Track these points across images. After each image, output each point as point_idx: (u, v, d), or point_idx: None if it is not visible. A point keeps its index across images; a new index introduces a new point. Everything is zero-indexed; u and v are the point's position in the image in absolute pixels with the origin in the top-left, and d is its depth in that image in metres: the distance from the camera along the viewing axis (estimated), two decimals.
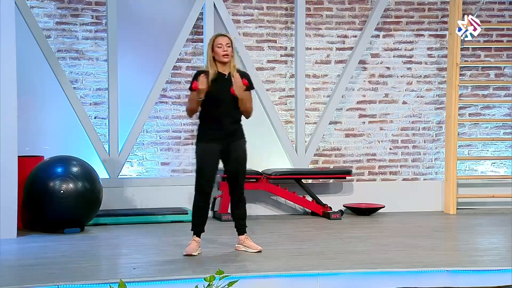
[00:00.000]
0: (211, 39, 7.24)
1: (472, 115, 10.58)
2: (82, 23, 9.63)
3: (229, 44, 7.18)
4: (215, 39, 7.20)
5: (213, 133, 7.18)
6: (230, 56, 7.17)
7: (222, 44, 7.15)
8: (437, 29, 10.46)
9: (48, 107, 9.54)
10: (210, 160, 7.20)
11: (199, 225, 7.33)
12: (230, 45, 7.19)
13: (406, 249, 7.61)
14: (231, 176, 7.33)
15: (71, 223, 8.51)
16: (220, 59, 7.16)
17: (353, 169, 10.25)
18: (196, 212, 7.33)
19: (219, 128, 7.17)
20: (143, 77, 9.75)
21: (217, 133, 7.18)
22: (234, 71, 7.20)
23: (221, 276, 4.91)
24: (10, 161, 8.18)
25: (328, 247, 7.71)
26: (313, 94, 10.23)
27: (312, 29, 10.19)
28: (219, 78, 7.16)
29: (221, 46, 7.15)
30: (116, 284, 5.22)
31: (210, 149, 7.19)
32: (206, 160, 7.20)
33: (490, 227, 9.14)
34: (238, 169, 7.29)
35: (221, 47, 7.14)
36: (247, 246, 7.36)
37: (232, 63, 7.21)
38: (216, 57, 7.17)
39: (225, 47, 7.15)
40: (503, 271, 6.64)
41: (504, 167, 10.62)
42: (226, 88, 7.14)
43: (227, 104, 7.14)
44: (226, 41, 7.17)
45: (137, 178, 9.78)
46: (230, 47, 7.18)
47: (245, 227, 7.45)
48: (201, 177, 7.23)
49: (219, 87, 7.12)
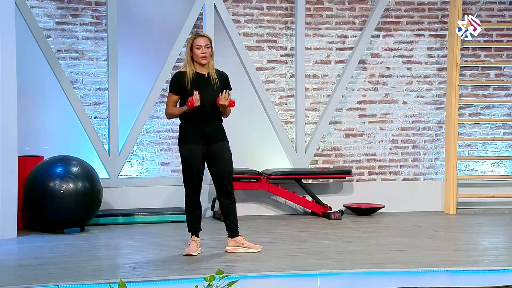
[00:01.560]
0: (190, 39, 7.19)
1: (472, 115, 10.58)
2: (82, 23, 9.63)
3: (208, 45, 7.13)
4: (194, 40, 7.14)
5: (197, 135, 7.14)
6: (209, 58, 7.14)
7: (201, 46, 7.10)
8: (437, 29, 10.46)
9: (48, 107, 9.54)
10: (196, 160, 7.16)
11: (195, 225, 7.31)
12: (210, 46, 7.14)
13: (406, 249, 7.60)
14: (218, 178, 7.26)
15: (71, 223, 8.51)
16: (199, 60, 7.12)
17: (353, 169, 10.25)
18: (190, 213, 7.32)
19: (202, 130, 7.13)
20: (143, 77, 9.76)
21: (200, 135, 7.13)
22: (213, 72, 7.17)
23: (221, 276, 4.91)
24: (10, 161, 8.19)
25: (328, 247, 7.71)
26: (313, 94, 10.23)
27: (312, 29, 10.19)
28: (198, 79, 7.13)
29: (200, 47, 7.10)
30: (116, 284, 5.22)
31: (194, 149, 7.14)
32: (192, 161, 7.16)
33: (490, 227, 9.14)
34: (224, 170, 7.24)
35: (199, 48, 7.10)
36: (247, 247, 7.33)
37: (211, 63, 7.17)
38: (195, 58, 7.14)
39: (204, 48, 7.10)
40: (503, 271, 6.64)
41: (504, 167, 10.62)
42: (207, 88, 7.10)
43: (207, 105, 7.08)
44: (205, 42, 7.12)
45: (137, 178, 9.78)
46: (209, 48, 7.14)
47: (237, 227, 7.36)
48: (189, 178, 7.21)
49: (200, 88, 7.06)
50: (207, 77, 7.16)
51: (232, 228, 7.36)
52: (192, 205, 7.29)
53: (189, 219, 7.33)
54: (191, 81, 7.09)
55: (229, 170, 7.28)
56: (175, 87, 7.18)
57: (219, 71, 7.31)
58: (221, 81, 7.21)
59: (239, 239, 7.36)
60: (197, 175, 7.21)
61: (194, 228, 7.32)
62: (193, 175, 7.19)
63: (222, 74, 7.28)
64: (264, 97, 9.93)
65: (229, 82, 7.30)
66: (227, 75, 7.34)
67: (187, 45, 7.20)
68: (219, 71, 7.28)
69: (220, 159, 7.21)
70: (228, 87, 7.23)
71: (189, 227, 7.35)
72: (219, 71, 7.28)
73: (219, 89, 7.14)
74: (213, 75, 7.16)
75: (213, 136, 7.19)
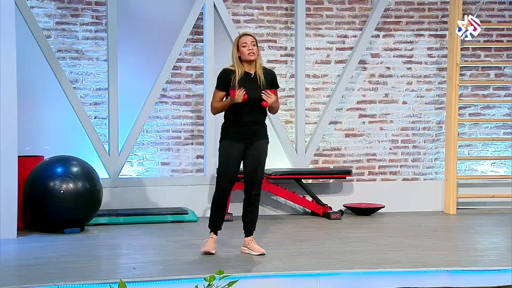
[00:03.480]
0: (236, 39, 7.23)
1: (472, 115, 10.58)
2: (82, 23, 9.63)
3: (254, 43, 7.16)
4: (239, 39, 7.18)
5: (237, 132, 7.17)
6: (256, 55, 7.15)
7: (247, 43, 7.13)
8: (437, 29, 10.46)
9: (48, 107, 9.54)
10: (233, 159, 7.19)
11: (217, 222, 7.34)
12: (255, 43, 7.17)
13: (406, 249, 7.61)
14: (248, 176, 7.27)
15: (71, 223, 8.51)
16: (246, 57, 7.13)
17: (353, 169, 10.25)
18: (215, 210, 7.31)
19: (243, 128, 7.16)
20: (143, 77, 9.76)
21: (240, 132, 7.16)
22: (260, 70, 7.18)
23: (221, 276, 4.91)
24: (10, 161, 8.18)
25: (328, 247, 7.71)
26: (313, 94, 10.23)
27: (312, 29, 10.19)
28: (245, 78, 7.14)
29: (246, 45, 7.13)
30: (116, 284, 5.22)
31: (234, 147, 7.18)
32: (229, 159, 7.18)
33: (490, 227, 9.14)
34: (256, 169, 7.24)
35: (246, 46, 7.13)
36: (250, 249, 7.31)
37: (258, 62, 7.19)
38: (242, 56, 7.14)
39: (250, 45, 7.13)
40: (503, 271, 6.64)
41: (504, 167, 10.62)
42: (252, 87, 7.12)
43: (252, 104, 7.12)
44: (250, 40, 7.15)
45: (137, 178, 9.78)
46: (256, 46, 7.16)
47: (252, 229, 7.37)
48: (223, 175, 7.23)
49: (246, 87, 7.08)
50: (254, 76, 7.18)
51: (244, 227, 7.37)
52: (220, 202, 7.29)
53: (213, 215, 7.34)
54: (237, 79, 7.11)
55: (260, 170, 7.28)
56: (222, 84, 7.21)
57: (267, 69, 7.34)
58: (268, 80, 7.22)
59: (247, 240, 7.36)
60: (230, 173, 7.22)
61: (216, 225, 7.34)
62: (227, 173, 7.21)
63: (269, 72, 7.32)
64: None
65: (276, 80, 7.33)
66: (275, 73, 7.37)
67: (233, 46, 7.23)
68: (266, 70, 7.31)
69: (254, 161, 7.23)
70: (275, 85, 7.28)
71: (211, 223, 7.34)
72: (266, 70, 7.31)
73: (266, 88, 7.17)
74: (260, 74, 7.18)
75: (254, 135, 7.21)
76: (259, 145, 7.24)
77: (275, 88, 7.27)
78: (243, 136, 7.18)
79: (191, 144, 9.94)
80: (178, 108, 9.89)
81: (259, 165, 7.25)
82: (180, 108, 9.90)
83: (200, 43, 9.88)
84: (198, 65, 9.90)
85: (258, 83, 7.15)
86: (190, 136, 9.93)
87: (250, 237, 7.36)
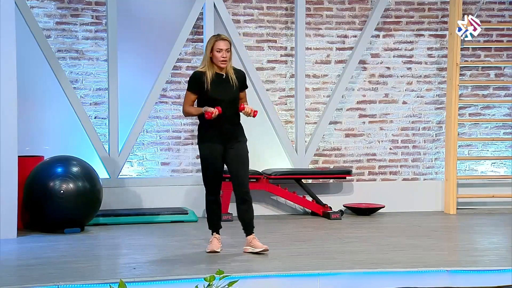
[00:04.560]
0: (211, 41, 7.20)
1: (472, 115, 10.58)
2: (82, 23, 9.63)
3: (229, 49, 7.18)
4: (215, 42, 7.16)
5: (214, 134, 7.20)
6: (228, 61, 7.19)
7: (222, 49, 7.14)
8: (437, 29, 10.46)
9: (48, 107, 9.54)
10: (215, 159, 7.23)
11: (215, 222, 7.41)
12: (230, 49, 7.19)
13: (406, 249, 7.60)
14: (235, 176, 7.30)
15: (71, 223, 8.51)
16: (218, 64, 7.17)
17: (353, 169, 10.25)
18: (210, 211, 7.39)
19: (219, 129, 7.19)
20: (143, 77, 9.76)
21: (217, 134, 7.20)
22: (231, 71, 7.23)
23: (221, 276, 4.91)
24: (10, 161, 8.18)
25: (328, 247, 7.71)
26: (313, 94, 10.23)
27: (312, 29, 10.19)
28: (218, 79, 7.18)
29: (221, 51, 7.14)
30: (116, 284, 5.22)
31: (213, 148, 7.22)
32: (211, 160, 7.23)
33: (490, 227, 9.14)
34: (239, 169, 7.27)
35: (220, 52, 7.14)
36: (253, 246, 7.30)
37: (229, 64, 7.23)
38: (214, 60, 7.18)
39: (225, 52, 7.15)
40: (503, 271, 6.64)
41: (504, 167, 10.62)
42: (226, 89, 7.18)
43: (226, 105, 7.15)
44: (226, 46, 7.16)
45: (137, 178, 9.78)
46: (229, 52, 7.19)
47: (251, 227, 7.38)
48: (208, 177, 7.28)
49: (218, 88, 7.14)
50: (226, 77, 7.21)
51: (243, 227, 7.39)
52: (211, 203, 7.36)
53: (209, 217, 7.42)
54: (210, 81, 7.14)
55: (245, 170, 7.30)
56: (194, 87, 7.23)
57: (237, 69, 7.37)
58: (239, 80, 7.28)
59: (249, 238, 7.37)
60: (214, 174, 7.27)
61: (215, 225, 7.40)
62: (210, 175, 7.27)
63: (239, 72, 7.37)
64: (264, 97, 9.93)
65: (246, 81, 7.39)
66: (244, 73, 7.44)
67: (207, 45, 7.23)
68: (236, 70, 7.34)
69: (236, 160, 7.25)
70: (244, 86, 7.34)
71: (209, 224, 7.43)
72: (236, 70, 7.34)
73: (238, 89, 7.24)
74: (231, 74, 7.23)
75: (231, 136, 7.24)
76: (238, 145, 7.26)
77: (245, 88, 7.36)
78: (221, 137, 7.21)
79: (191, 144, 9.93)
80: (178, 108, 9.89)
81: (242, 163, 7.27)
82: (180, 108, 9.87)
83: (200, 43, 9.88)
84: (198, 65, 9.88)
85: (231, 84, 7.21)
86: (190, 136, 9.93)
87: (251, 235, 7.37)
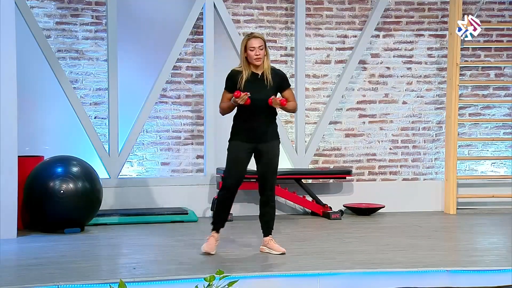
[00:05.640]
0: (244, 40, 7.17)
1: (472, 115, 10.58)
2: (82, 23, 9.63)
3: (262, 47, 7.12)
4: (248, 41, 7.13)
5: (246, 133, 7.18)
6: (263, 59, 7.13)
7: (254, 48, 7.09)
8: (437, 29, 10.46)
9: (48, 107, 9.54)
10: (241, 159, 7.19)
11: (221, 220, 7.31)
12: (263, 47, 7.14)
13: (406, 249, 7.60)
14: (261, 177, 7.29)
15: (71, 223, 8.51)
16: (253, 62, 7.12)
17: (353, 169, 10.25)
18: (221, 207, 7.29)
19: (252, 129, 7.16)
20: (143, 77, 9.76)
21: (250, 133, 7.17)
22: (267, 71, 7.16)
23: (221, 276, 4.91)
24: (10, 161, 8.18)
25: (328, 247, 7.72)
26: (313, 94, 10.23)
27: (312, 29, 10.19)
28: (252, 79, 7.15)
29: (254, 49, 7.09)
30: (116, 284, 5.22)
31: (242, 148, 7.18)
32: (237, 159, 7.18)
33: (490, 227, 9.14)
34: (268, 170, 7.26)
35: (253, 50, 7.10)
36: (271, 248, 7.30)
37: (265, 64, 7.16)
38: (249, 59, 7.13)
39: (258, 50, 7.10)
40: (503, 271, 6.64)
41: (504, 167, 10.62)
42: (259, 88, 7.12)
43: (260, 104, 7.11)
44: (259, 44, 7.11)
45: (137, 178, 9.78)
46: (263, 49, 7.13)
47: (270, 228, 7.38)
48: (230, 174, 7.22)
49: (253, 87, 7.10)
50: (261, 76, 7.17)
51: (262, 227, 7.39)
52: (225, 200, 7.27)
53: (217, 213, 7.34)
54: (244, 80, 7.12)
55: (272, 171, 7.28)
56: (229, 85, 7.22)
57: (276, 70, 7.32)
58: (276, 81, 7.20)
59: (266, 239, 7.37)
60: (237, 175, 7.21)
61: (220, 223, 7.32)
62: (232, 173, 7.20)
63: (278, 73, 7.30)
64: None
65: (286, 81, 7.30)
66: (284, 74, 7.36)
67: (241, 45, 7.21)
68: (275, 70, 7.29)
69: (266, 163, 7.24)
70: (284, 86, 7.26)
71: (215, 220, 7.33)
72: (275, 70, 7.29)
73: (273, 89, 7.18)
74: (267, 74, 7.17)
75: (263, 135, 7.21)
76: (269, 146, 7.24)
77: (286, 88, 7.26)
78: (252, 136, 7.18)
79: (191, 144, 9.94)
80: (178, 108, 9.90)
81: (270, 165, 7.26)
82: (180, 108, 9.90)
83: (200, 43, 9.88)
84: (198, 65, 9.90)
85: (265, 84, 7.16)
86: (190, 136, 9.93)
87: (269, 236, 7.36)
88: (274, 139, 7.30)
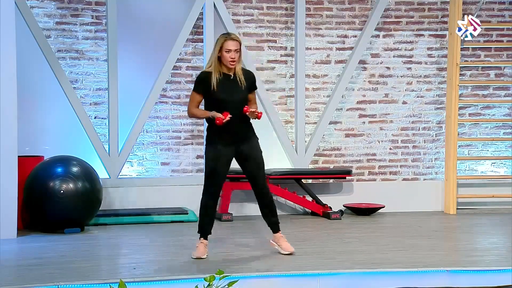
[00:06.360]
0: (220, 41, 6.98)
1: (472, 115, 10.58)
2: (82, 23, 9.63)
3: (238, 50, 6.97)
4: (224, 42, 6.95)
5: (223, 136, 7.00)
6: (237, 62, 7.00)
7: (230, 50, 6.93)
8: (437, 29, 10.46)
9: (48, 107, 9.54)
10: (221, 163, 7.03)
11: (207, 228, 7.16)
12: (239, 49, 6.99)
13: (406, 249, 7.60)
14: (252, 176, 7.16)
15: (71, 223, 8.51)
16: (227, 64, 6.97)
17: (353, 169, 10.25)
18: (205, 215, 7.14)
19: (229, 131, 6.98)
20: (143, 77, 9.76)
21: (227, 136, 7.00)
22: (239, 72, 7.03)
23: (221, 276, 4.91)
24: (10, 161, 8.18)
25: (328, 247, 7.71)
26: (313, 94, 10.23)
27: (312, 29, 10.19)
28: (225, 80, 7.00)
29: (229, 51, 6.93)
30: (116, 284, 5.22)
31: (222, 152, 7.02)
32: (217, 163, 7.03)
33: (490, 227, 9.14)
34: (257, 168, 7.13)
35: (229, 52, 6.93)
36: (280, 246, 7.25)
37: (237, 66, 7.03)
38: (222, 60, 6.98)
39: (234, 53, 6.94)
40: (503, 271, 6.64)
41: (504, 167, 10.62)
42: (233, 90, 6.99)
43: (234, 105, 6.96)
44: (235, 47, 6.94)
45: (137, 178, 9.78)
46: (239, 52, 6.99)
47: (277, 223, 7.28)
48: (211, 179, 7.06)
49: (227, 90, 6.98)
50: (233, 78, 7.03)
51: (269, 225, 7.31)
52: (209, 208, 7.12)
53: (202, 221, 7.18)
54: (217, 82, 6.97)
55: (261, 168, 7.16)
56: (200, 88, 7.03)
57: (246, 70, 7.19)
58: (248, 81, 7.08)
59: (277, 236, 7.30)
60: (218, 179, 7.08)
61: (206, 230, 7.19)
62: (214, 180, 7.06)
63: (248, 73, 7.16)
64: (264, 97, 9.93)
65: (255, 82, 7.18)
66: (254, 74, 7.22)
67: (215, 44, 7.04)
68: (245, 70, 7.16)
69: (251, 163, 7.11)
70: (253, 88, 7.14)
71: (200, 228, 7.18)
72: (245, 70, 7.16)
73: (246, 90, 7.06)
74: (240, 75, 7.04)
75: (241, 136, 7.07)
76: (250, 145, 7.10)
77: (253, 90, 7.14)
78: (232, 139, 7.02)
79: (191, 144, 9.94)
80: (178, 108, 9.89)
81: (259, 163, 7.14)
82: (180, 108, 9.89)
83: (200, 43, 9.88)
84: (198, 65, 9.90)
85: (239, 85, 7.02)
86: (190, 136, 9.93)
87: (279, 233, 7.30)
88: (253, 137, 7.14)
